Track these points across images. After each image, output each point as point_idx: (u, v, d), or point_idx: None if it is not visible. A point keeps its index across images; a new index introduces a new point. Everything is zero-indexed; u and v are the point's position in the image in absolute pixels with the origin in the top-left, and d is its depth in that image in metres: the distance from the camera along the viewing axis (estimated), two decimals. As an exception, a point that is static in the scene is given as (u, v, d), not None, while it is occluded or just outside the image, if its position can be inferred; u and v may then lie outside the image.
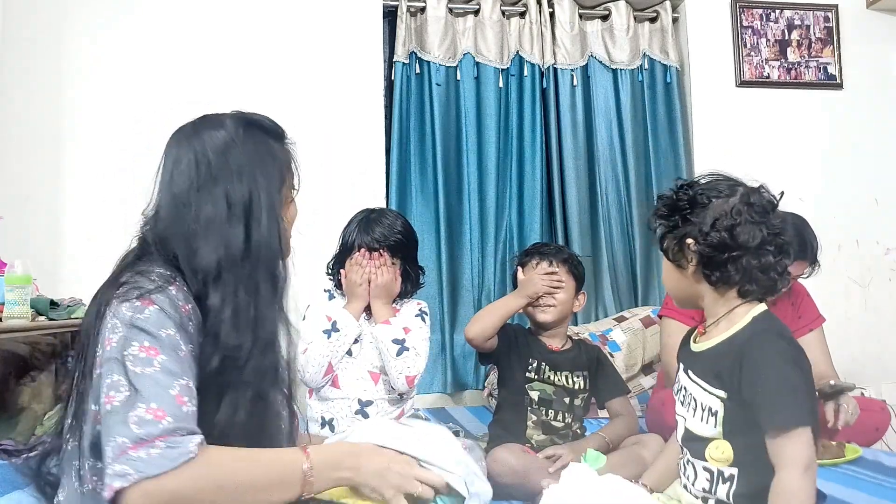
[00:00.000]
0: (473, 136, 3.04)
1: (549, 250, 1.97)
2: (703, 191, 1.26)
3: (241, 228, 1.07)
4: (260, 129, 1.16)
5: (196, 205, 1.07)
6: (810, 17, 3.30)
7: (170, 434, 0.90)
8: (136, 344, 0.96)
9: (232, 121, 1.14)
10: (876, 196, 3.25)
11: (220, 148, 1.10)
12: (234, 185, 1.08)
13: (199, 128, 1.14)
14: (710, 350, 1.26)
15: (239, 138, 1.11)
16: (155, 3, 2.81)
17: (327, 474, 1.03)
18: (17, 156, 2.63)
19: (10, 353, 2.13)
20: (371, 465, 1.07)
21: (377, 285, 1.89)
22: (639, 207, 3.13)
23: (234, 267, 1.06)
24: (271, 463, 1.00)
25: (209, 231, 1.06)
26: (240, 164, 1.09)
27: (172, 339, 0.98)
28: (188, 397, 0.95)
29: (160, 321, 0.98)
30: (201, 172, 1.09)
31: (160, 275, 1.04)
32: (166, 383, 0.94)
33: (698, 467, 1.26)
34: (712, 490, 1.23)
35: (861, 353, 3.09)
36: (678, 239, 1.27)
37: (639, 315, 2.87)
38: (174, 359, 0.97)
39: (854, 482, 1.68)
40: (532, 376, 1.89)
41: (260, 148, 1.13)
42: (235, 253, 1.06)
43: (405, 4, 3.00)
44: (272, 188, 1.12)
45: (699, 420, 1.25)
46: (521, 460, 1.68)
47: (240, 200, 1.08)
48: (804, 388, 1.17)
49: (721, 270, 1.23)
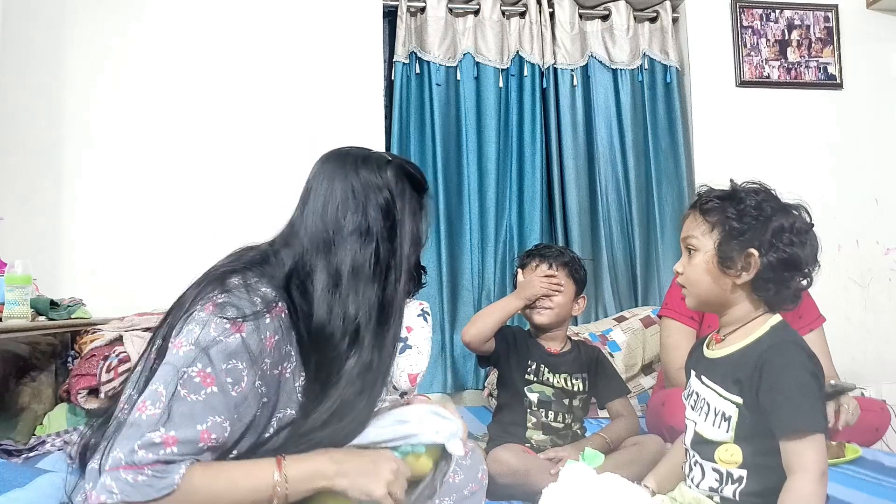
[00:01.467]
0: (473, 136, 3.04)
1: (549, 252, 1.96)
2: (767, 200, 1.24)
3: (381, 285, 1.08)
4: (414, 183, 1.16)
5: (344, 248, 1.08)
6: (810, 17, 3.30)
7: (162, 462, 0.91)
8: (199, 365, 0.97)
9: (393, 170, 1.14)
10: (876, 196, 3.25)
11: (379, 198, 1.10)
12: (385, 242, 1.09)
13: (360, 165, 1.13)
14: (729, 357, 1.27)
15: (397, 192, 1.12)
16: (155, 3, 2.81)
17: (305, 485, 1.01)
18: (17, 156, 2.63)
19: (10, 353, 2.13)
20: (354, 468, 1.04)
21: (378, 285, 1.88)
22: (639, 207, 3.13)
23: (370, 325, 1.07)
24: (244, 481, 0.98)
25: (354, 280, 1.07)
26: (393, 221, 1.10)
27: (236, 374, 0.98)
28: (216, 435, 0.96)
29: (235, 353, 0.99)
30: (357, 217, 1.09)
31: (264, 297, 1.04)
32: (201, 417, 0.95)
33: (707, 468, 1.26)
34: (719, 489, 1.24)
35: (861, 353, 3.10)
36: (741, 247, 1.22)
37: (639, 315, 2.86)
38: (225, 394, 0.97)
39: (854, 482, 1.68)
40: (531, 378, 1.88)
41: (412, 205, 1.13)
42: (374, 311, 1.08)
43: (405, 4, 3.00)
44: (414, 244, 1.12)
45: (711, 425, 1.25)
46: (521, 460, 1.67)
47: (386, 257, 1.09)
48: (820, 398, 1.18)
49: (777, 286, 1.22)
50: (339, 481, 1.02)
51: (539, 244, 2.20)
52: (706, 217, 1.27)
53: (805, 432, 1.14)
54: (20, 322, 1.92)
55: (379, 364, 1.09)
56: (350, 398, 1.06)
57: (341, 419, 1.06)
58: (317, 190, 1.12)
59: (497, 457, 1.67)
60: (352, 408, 1.07)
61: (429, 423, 1.14)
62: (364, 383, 1.07)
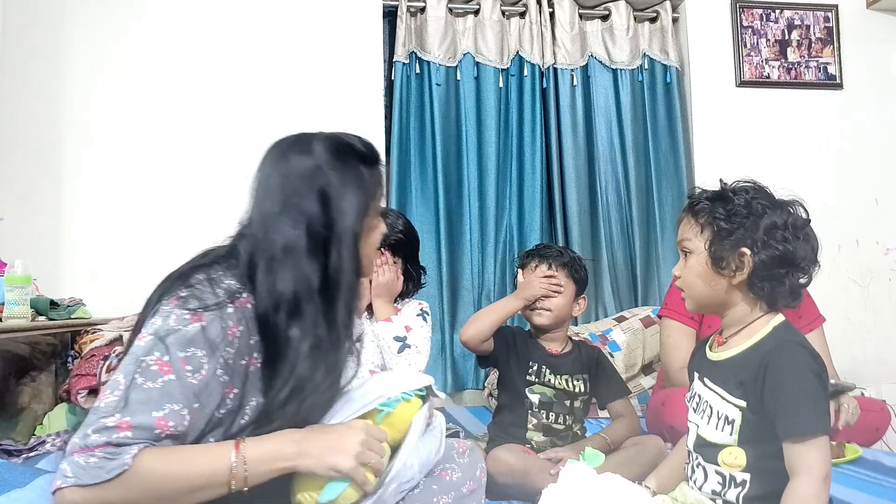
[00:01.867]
0: (473, 136, 3.04)
1: (549, 253, 1.95)
2: (756, 198, 1.22)
3: (320, 259, 1.08)
4: (351, 154, 1.15)
5: (279, 230, 1.08)
6: (810, 17, 3.30)
7: (113, 444, 0.92)
8: (157, 354, 0.98)
9: (322, 145, 1.14)
10: (876, 196, 3.25)
11: (305, 173, 1.10)
12: (317, 213, 1.08)
13: (289, 149, 1.14)
14: (732, 359, 1.26)
15: (326, 164, 1.11)
16: (156, 4, 2.81)
17: (265, 466, 1.00)
18: (17, 156, 2.63)
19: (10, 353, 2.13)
20: (318, 447, 1.03)
21: (378, 284, 1.88)
22: (639, 207, 3.13)
23: (313, 299, 1.07)
24: (200, 461, 0.98)
25: (287, 258, 1.07)
26: (325, 192, 1.10)
27: (195, 361, 0.99)
28: (174, 423, 0.96)
29: (193, 340, 1.00)
30: (286, 197, 1.10)
31: (227, 288, 1.05)
32: (157, 404, 0.96)
33: (709, 471, 1.26)
34: (722, 493, 1.23)
35: (861, 353, 3.10)
36: (732, 246, 1.22)
37: (639, 315, 2.86)
38: (182, 382, 0.98)
39: (854, 482, 1.68)
40: (532, 379, 1.88)
41: (348, 175, 1.12)
42: (315, 285, 1.07)
43: (405, 4, 3.00)
44: (355, 218, 1.11)
45: (714, 428, 1.25)
46: (520, 460, 1.67)
47: (321, 230, 1.08)
48: (825, 399, 1.18)
49: (773, 284, 1.21)
50: (302, 462, 1.02)
51: (539, 244, 2.19)
52: (697, 219, 1.27)
53: (809, 435, 1.13)
54: (20, 322, 1.92)
55: (333, 340, 1.09)
56: (305, 375, 1.06)
57: (301, 399, 1.06)
58: (257, 179, 1.14)
59: (497, 457, 1.67)
60: (311, 386, 1.06)
61: (393, 380, 1.17)
62: (317, 360, 1.07)
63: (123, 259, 2.63)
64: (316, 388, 1.07)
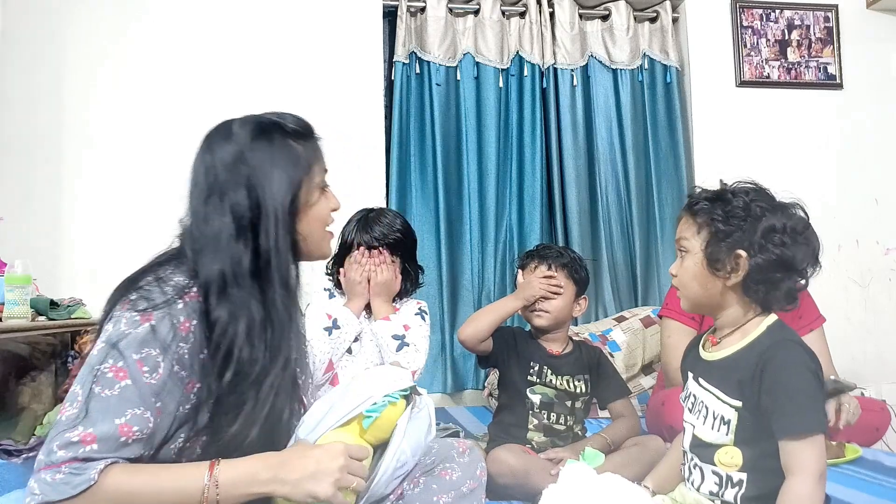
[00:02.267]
0: (473, 136, 3.04)
1: (549, 253, 1.95)
2: (754, 200, 1.21)
3: (249, 241, 1.06)
4: (276, 131, 1.14)
5: (205, 219, 1.08)
6: (810, 17, 3.30)
7: (80, 460, 0.92)
8: (111, 361, 0.98)
9: (242, 128, 1.12)
10: (876, 196, 3.25)
11: (227, 160, 1.09)
12: (241, 198, 1.07)
13: (211, 139, 1.14)
14: (727, 360, 1.26)
15: (247, 146, 1.10)
16: (156, 3, 2.81)
17: (239, 490, 0.98)
18: (17, 156, 2.63)
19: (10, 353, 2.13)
20: (295, 474, 1.00)
21: (377, 283, 1.88)
22: (639, 207, 3.13)
23: (243, 281, 1.05)
24: (170, 483, 0.97)
25: (216, 245, 1.06)
26: (248, 175, 1.08)
27: (151, 361, 0.99)
28: (138, 427, 0.96)
29: (145, 341, 0.99)
30: (210, 186, 1.09)
31: (175, 285, 1.05)
32: (118, 411, 0.95)
33: (706, 471, 1.26)
34: (720, 493, 1.23)
35: (861, 353, 3.10)
36: (729, 248, 1.21)
37: (639, 315, 2.86)
38: (140, 385, 0.97)
39: (854, 482, 1.68)
40: (533, 379, 1.87)
41: (273, 153, 1.11)
42: (245, 267, 1.06)
43: (405, 4, 3.00)
44: (283, 195, 1.09)
45: (710, 428, 1.25)
46: (520, 460, 1.67)
47: (246, 213, 1.07)
48: (821, 398, 1.18)
49: (768, 287, 1.21)
50: (277, 488, 1.00)
51: (540, 245, 2.18)
52: (695, 218, 1.26)
53: (805, 433, 1.14)
54: (20, 322, 1.92)
55: (274, 320, 1.07)
56: (247, 358, 1.03)
57: (255, 385, 1.04)
58: (189, 173, 1.14)
59: (497, 457, 1.67)
60: (259, 370, 1.04)
61: (378, 381, 1.16)
62: (257, 341, 1.04)
63: (123, 259, 2.62)
64: (266, 372, 1.05)
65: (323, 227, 1.19)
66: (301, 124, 1.18)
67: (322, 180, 1.18)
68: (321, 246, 1.20)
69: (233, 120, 1.15)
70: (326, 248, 1.21)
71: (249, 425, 1.04)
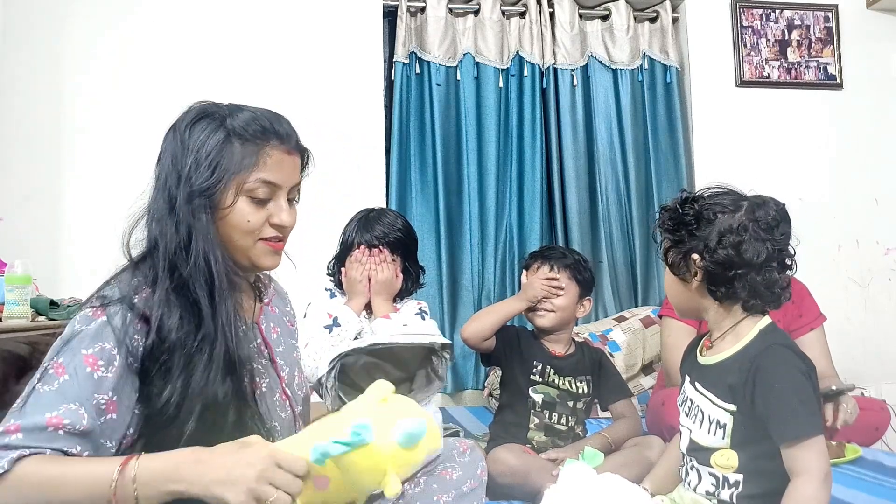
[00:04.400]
0: (473, 136, 3.04)
1: (553, 254, 1.95)
2: (709, 205, 1.25)
3: (172, 222, 1.09)
4: (217, 123, 1.14)
5: (152, 215, 1.13)
6: (810, 17, 3.30)
7: (3, 447, 0.93)
8: (59, 359, 1.00)
9: (189, 114, 1.16)
10: (876, 196, 3.24)
11: (167, 144, 1.16)
12: (171, 180, 1.11)
13: (167, 133, 1.18)
14: (720, 364, 1.27)
15: (182, 132, 1.14)
16: (156, 3, 2.81)
17: (158, 486, 0.92)
18: (17, 156, 2.63)
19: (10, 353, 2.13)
20: (210, 474, 0.91)
21: (377, 282, 1.88)
22: (639, 207, 3.13)
23: (174, 259, 1.07)
24: (81, 477, 0.93)
25: (151, 236, 1.11)
26: (178, 159, 1.12)
27: (105, 354, 1.00)
28: (69, 420, 0.95)
29: (98, 335, 1.01)
30: (157, 180, 1.15)
31: (131, 283, 1.08)
32: (50, 405, 0.96)
33: (703, 472, 1.27)
34: (716, 493, 1.25)
35: (861, 353, 3.09)
36: (683, 253, 1.27)
37: (639, 315, 2.86)
38: (81, 381, 0.98)
39: (854, 482, 1.68)
40: (536, 379, 1.87)
41: (205, 144, 1.12)
42: (168, 246, 1.08)
43: (405, 4, 3.00)
44: (200, 185, 1.09)
45: (706, 432, 1.26)
46: (521, 460, 1.67)
47: (176, 193, 1.10)
48: (815, 398, 1.19)
49: (726, 286, 1.24)
50: (190, 489, 0.92)
51: (545, 246, 2.19)
52: (661, 233, 1.33)
53: (805, 437, 1.14)
54: (20, 322, 1.92)
55: (198, 305, 1.06)
56: (175, 342, 1.03)
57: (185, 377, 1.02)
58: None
59: (497, 457, 1.67)
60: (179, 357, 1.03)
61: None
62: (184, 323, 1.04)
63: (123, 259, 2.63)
64: (192, 360, 1.03)
65: (244, 235, 1.13)
66: (251, 126, 1.14)
67: (255, 188, 1.12)
68: (248, 255, 1.14)
69: (182, 113, 1.19)
70: (259, 260, 1.15)
71: (186, 416, 1.01)
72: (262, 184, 1.12)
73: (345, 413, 1.03)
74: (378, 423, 0.96)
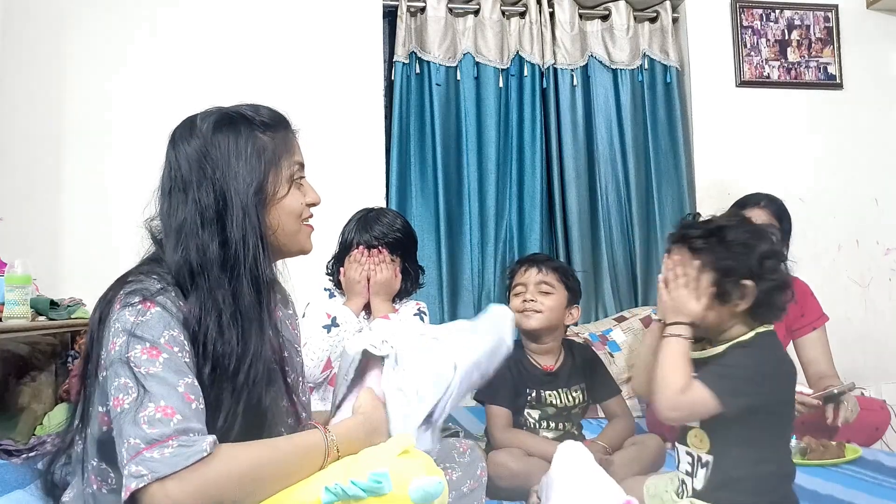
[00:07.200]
0: (473, 136, 3.04)
1: (539, 257, 1.99)
2: (747, 231, 1.33)
3: (214, 233, 1.06)
4: (241, 122, 1.13)
5: (168, 212, 1.09)
6: (810, 17, 3.30)
7: (181, 433, 0.90)
8: (138, 347, 0.97)
9: (205, 120, 1.13)
10: (876, 196, 3.24)
11: (190, 155, 1.10)
12: (204, 191, 1.07)
13: (176, 135, 1.14)
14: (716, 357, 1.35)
15: (209, 139, 1.10)
16: (156, 3, 2.81)
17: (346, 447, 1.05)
18: (17, 156, 2.63)
19: (10, 353, 2.13)
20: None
21: (376, 282, 1.88)
22: (639, 207, 3.13)
23: (210, 272, 1.05)
24: (292, 447, 1.01)
25: (180, 238, 1.06)
26: (211, 167, 1.08)
27: (176, 339, 0.99)
28: (195, 395, 0.96)
29: (163, 322, 0.99)
30: (175, 182, 1.10)
31: (161, 276, 1.05)
32: (173, 381, 0.95)
33: (681, 452, 1.37)
34: (693, 472, 1.33)
35: (861, 353, 3.09)
36: (733, 281, 1.30)
37: (639, 315, 2.86)
38: (177, 358, 0.97)
39: (854, 482, 1.68)
40: (532, 403, 1.86)
41: (237, 144, 1.10)
42: (211, 258, 1.05)
43: (405, 4, 3.00)
44: (247, 186, 1.08)
45: None
46: (520, 463, 1.67)
47: (211, 204, 1.07)
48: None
49: (773, 307, 1.32)
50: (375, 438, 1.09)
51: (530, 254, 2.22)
52: (696, 255, 1.33)
53: None
54: (20, 322, 1.92)
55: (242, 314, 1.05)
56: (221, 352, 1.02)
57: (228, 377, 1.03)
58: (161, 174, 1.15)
59: (497, 460, 1.67)
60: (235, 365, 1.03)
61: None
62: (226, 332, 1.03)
63: (123, 259, 2.62)
64: (239, 366, 1.03)
65: (296, 220, 1.17)
66: (270, 115, 1.17)
67: (294, 173, 1.16)
68: (296, 240, 1.18)
69: (197, 114, 1.16)
70: (304, 243, 1.19)
71: (232, 421, 1.02)
72: (298, 166, 1.18)
73: (363, 458, 1.05)
74: (396, 475, 0.99)
